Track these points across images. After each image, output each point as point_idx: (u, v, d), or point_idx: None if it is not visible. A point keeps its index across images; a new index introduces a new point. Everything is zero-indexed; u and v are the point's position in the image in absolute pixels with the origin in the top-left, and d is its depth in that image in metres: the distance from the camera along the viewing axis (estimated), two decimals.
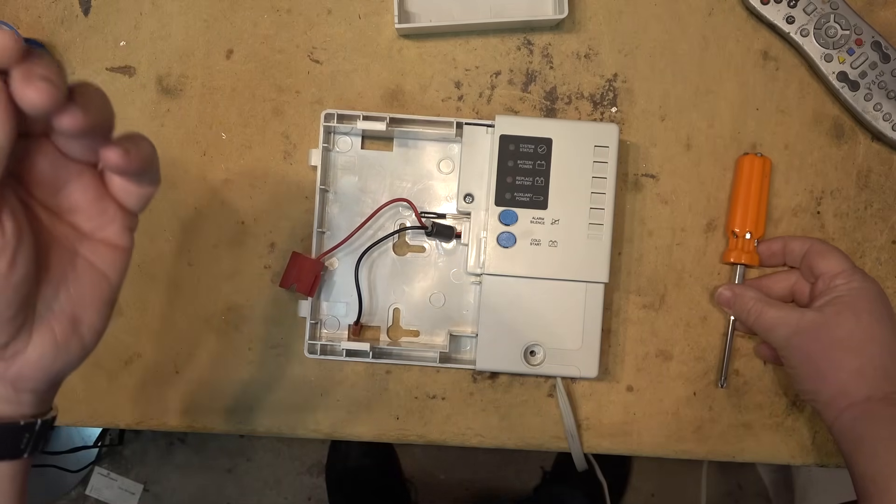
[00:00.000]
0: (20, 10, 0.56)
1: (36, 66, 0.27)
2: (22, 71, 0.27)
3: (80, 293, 0.33)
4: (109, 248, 0.34)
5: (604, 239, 0.52)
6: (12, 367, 0.32)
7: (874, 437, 0.45)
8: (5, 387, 0.33)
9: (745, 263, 0.55)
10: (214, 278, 0.56)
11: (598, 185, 0.52)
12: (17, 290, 0.30)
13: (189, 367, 0.56)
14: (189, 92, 0.56)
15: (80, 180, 0.33)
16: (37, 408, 0.34)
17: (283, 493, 1.32)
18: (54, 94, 0.27)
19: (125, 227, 0.34)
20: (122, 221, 0.34)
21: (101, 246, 0.34)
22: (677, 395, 0.56)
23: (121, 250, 0.34)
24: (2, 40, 0.26)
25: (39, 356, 0.32)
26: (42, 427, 0.35)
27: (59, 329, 0.33)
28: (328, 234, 0.56)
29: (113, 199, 0.34)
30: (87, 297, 0.33)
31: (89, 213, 0.33)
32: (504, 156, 0.52)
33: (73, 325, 0.33)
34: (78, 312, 0.33)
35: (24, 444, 0.34)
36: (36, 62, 0.27)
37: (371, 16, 0.57)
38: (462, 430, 0.56)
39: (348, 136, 0.56)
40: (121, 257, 0.35)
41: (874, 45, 0.54)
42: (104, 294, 0.34)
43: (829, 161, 0.57)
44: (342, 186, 0.56)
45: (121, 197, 0.34)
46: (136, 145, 0.32)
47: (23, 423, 0.34)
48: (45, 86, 0.27)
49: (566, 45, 0.57)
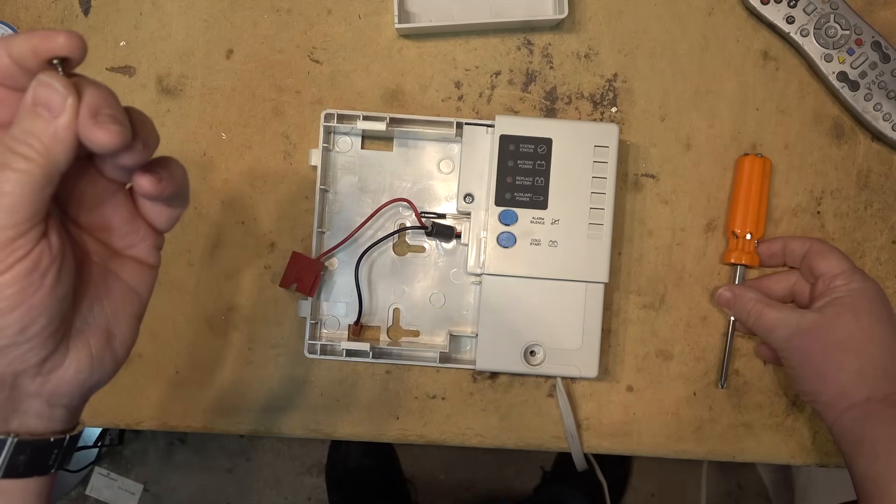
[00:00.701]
0: (20, 10, 0.56)
1: (104, 106, 0.28)
2: (90, 109, 0.28)
3: (113, 308, 0.34)
4: (139, 265, 0.35)
5: (604, 239, 0.52)
6: (49, 382, 0.32)
7: (874, 438, 0.45)
8: (41, 403, 0.33)
9: (745, 264, 0.55)
10: (214, 278, 0.56)
11: (598, 185, 0.52)
12: (60, 306, 0.30)
13: (189, 367, 0.56)
14: (189, 92, 0.56)
15: (113, 200, 0.34)
16: (67, 423, 0.35)
17: (283, 493, 1.32)
18: (124, 136, 0.29)
19: (154, 246, 0.36)
20: (151, 240, 0.36)
21: (132, 263, 0.35)
22: (677, 395, 0.56)
23: (149, 267, 0.36)
24: (67, 39, 0.28)
25: (76, 371, 0.33)
26: (70, 442, 0.35)
27: (95, 343, 0.33)
28: (328, 234, 0.56)
29: (144, 218, 0.35)
30: (119, 312, 0.34)
31: (121, 232, 0.35)
32: (504, 156, 0.52)
33: (107, 339, 0.34)
34: (111, 327, 0.34)
35: (53, 459, 0.34)
36: (101, 99, 0.28)
37: (371, 16, 0.57)
38: (462, 430, 0.56)
39: (348, 136, 0.56)
40: (150, 274, 0.36)
41: (874, 45, 0.54)
42: (134, 309, 0.35)
43: (829, 161, 0.57)
44: (342, 186, 0.56)
45: (151, 217, 0.35)
46: (169, 171, 0.33)
47: (52, 440, 0.34)
48: (116, 129, 0.28)
49: (566, 45, 0.57)
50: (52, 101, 0.28)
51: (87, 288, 0.33)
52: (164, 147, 0.56)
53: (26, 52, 0.29)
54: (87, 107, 0.28)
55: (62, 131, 0.28)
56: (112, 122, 0.28)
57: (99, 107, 0.28)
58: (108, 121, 0.28)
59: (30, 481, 0.34)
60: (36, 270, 0.29)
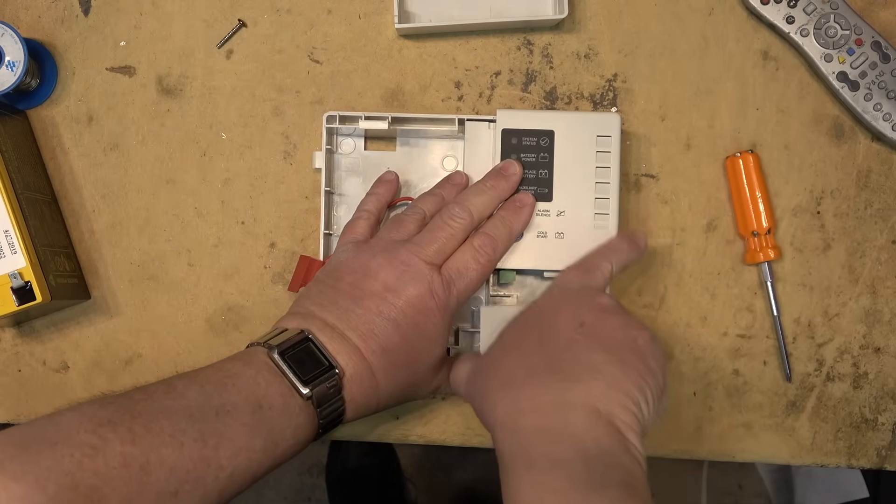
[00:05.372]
0: (20, 10, 0.56)
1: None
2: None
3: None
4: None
5: (610, 228, 0.52)
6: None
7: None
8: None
9: (773, 259, 0.54)
10: (214, 278, 0.56)
11: (602, 175, 0.52)
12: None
13: (189, 367, 0.56)
14: (189, 92, 0.56)
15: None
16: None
17: (283, 493, 1.32)
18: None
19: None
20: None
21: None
22: (677, 395, 0.56)
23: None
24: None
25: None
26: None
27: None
28: (335, 236, 0.55)
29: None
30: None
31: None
32: (507, 150, 0.52)
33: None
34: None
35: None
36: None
37: (371, 16, 0.57)
38: (462, 430, 0.56)
39: (351, 138, 0.56)
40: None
41: (874, 45, 0.54)
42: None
43: (829, 161, 0.57)
44: (347, 188, 0.56)
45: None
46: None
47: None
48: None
49: (566, 45, 0.57)
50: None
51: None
52: (164, 147, 0.56)
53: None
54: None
55: None
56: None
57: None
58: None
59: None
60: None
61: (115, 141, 0.56)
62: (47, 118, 0.56)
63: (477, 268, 0.48)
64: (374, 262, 0.46)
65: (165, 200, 0.56)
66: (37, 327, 0.56)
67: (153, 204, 0.56)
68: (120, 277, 0.56)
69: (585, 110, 0.57)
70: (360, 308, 0.45)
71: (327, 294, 0.47)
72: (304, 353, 0.43)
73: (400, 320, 0.45)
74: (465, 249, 0.48)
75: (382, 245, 0.47)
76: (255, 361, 0.43)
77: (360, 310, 0.45)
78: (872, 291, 0.56)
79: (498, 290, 0.53)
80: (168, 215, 0.56)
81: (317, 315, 0.46)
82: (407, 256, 0.46)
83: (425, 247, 0.47)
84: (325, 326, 0.45)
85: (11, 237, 0.50)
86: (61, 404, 0.56)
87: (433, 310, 0.45)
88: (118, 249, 0.56)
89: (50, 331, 0.56)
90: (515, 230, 0.50)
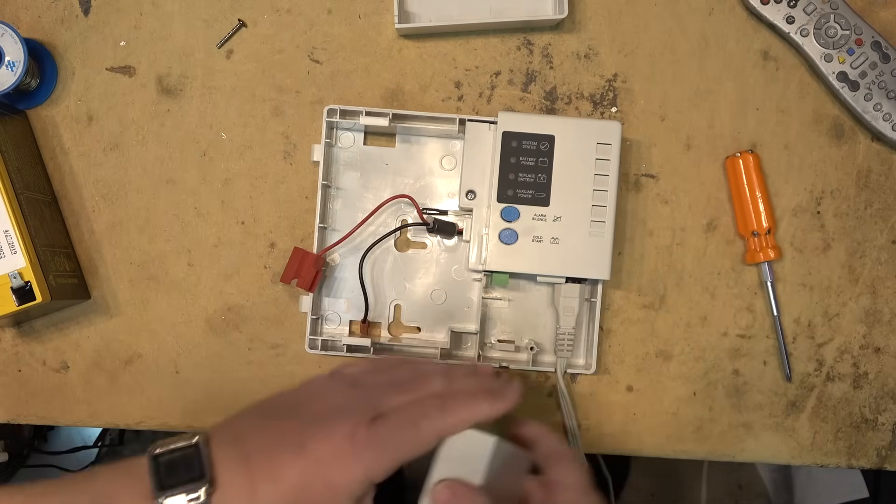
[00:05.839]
0: (20, 10, 0.56)
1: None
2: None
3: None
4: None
5: (605, 236, 0.52)
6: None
7: None
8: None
9: (773, 259, 0.54)
10: (214, 278, 0.56)
11: (600, 183, 0.52)
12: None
13: (189, 367, 0.56)
14: (189, 92, 0.56)
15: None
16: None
17: None
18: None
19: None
20: None
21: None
22: (677, 395, 0.56)
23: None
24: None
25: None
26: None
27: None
28: (330, 229, 0.56)
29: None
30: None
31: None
32: (506, 152, 0.52)
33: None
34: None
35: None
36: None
37: (371, 16, 0.57)
38: None
39: (350, 132, 0.56)
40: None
41: (874, 45, 0.54)
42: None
43: (829, 161, 0.57)
44: (344, 182, 0.56)
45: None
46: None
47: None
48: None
49: (566, 45, 0.57)
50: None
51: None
52: (164, 147, 0.56)
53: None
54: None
55: None
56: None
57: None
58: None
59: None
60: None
61: (115, 141, 0.56)
62: (47, 118, 0.56)
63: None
64: (327, 404, 0.41)
65: (165, 200, 0.56)
66: (37, 327, 0.56)
67: (153, 204, 0.56)
68: (120, 277, 0.56)
69: (585, 110, 0.57)
70: (276, 432, 0.40)
71: (266, 410, 0.43)
72: (179, 459, 0.41)
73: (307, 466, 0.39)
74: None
75: (354, 397, 0.41)
76: (136, 461, 0.42)
77: (274, 433, 0.40)
78: (872, 291, 0.56)
79: (490, 292, 0.53)
80: (168, 215, 0.56)
81: (235, 426, 0.42)
82: (350, 444, 0.40)
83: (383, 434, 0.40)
84: (232, 439, 0.41)
85: (11, 237, 0.50)
86: (61, 404, 0.56)
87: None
88: (118, 249, 0.56)
89: (50, 331, 0.56)
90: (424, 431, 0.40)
